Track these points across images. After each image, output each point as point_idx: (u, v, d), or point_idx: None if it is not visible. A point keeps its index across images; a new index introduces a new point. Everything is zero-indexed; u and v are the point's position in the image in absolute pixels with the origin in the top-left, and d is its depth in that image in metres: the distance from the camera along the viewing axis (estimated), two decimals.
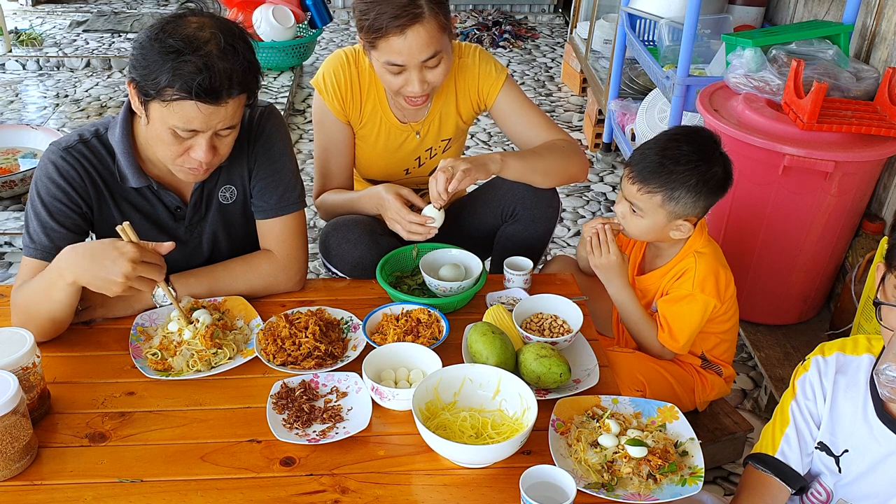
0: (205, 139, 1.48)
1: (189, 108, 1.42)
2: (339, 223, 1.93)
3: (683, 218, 1.73)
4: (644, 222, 1.75)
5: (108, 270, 1.41)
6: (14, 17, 5.55)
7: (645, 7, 3.39)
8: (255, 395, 1.47)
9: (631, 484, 1.28)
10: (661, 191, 1.69)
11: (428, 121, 2.00)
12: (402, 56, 1.73)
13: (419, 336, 1.58)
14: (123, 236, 1.45)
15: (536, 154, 1.91)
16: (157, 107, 1.44)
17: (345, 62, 1.93)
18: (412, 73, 1.76)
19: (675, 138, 1.74)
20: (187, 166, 1.54)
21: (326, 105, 1.95)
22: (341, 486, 1.29)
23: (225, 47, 1.42)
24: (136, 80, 1.45)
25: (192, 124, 1.45)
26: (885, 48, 2.58)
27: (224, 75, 1.41)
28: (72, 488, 1.27)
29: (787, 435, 1.38)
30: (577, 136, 4.19)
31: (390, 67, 1.76)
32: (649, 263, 1.91)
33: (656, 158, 1.70)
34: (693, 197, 1.69)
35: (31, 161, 3.14)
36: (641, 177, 1.71)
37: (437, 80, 1.80)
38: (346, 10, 6.18)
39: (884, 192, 2.50)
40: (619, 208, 1.79)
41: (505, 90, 1.97)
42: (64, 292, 1.48)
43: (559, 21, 6.20)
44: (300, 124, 4.27)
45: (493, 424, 1.37)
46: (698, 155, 1.70)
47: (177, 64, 1.39)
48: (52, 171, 1.56)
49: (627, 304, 1.82)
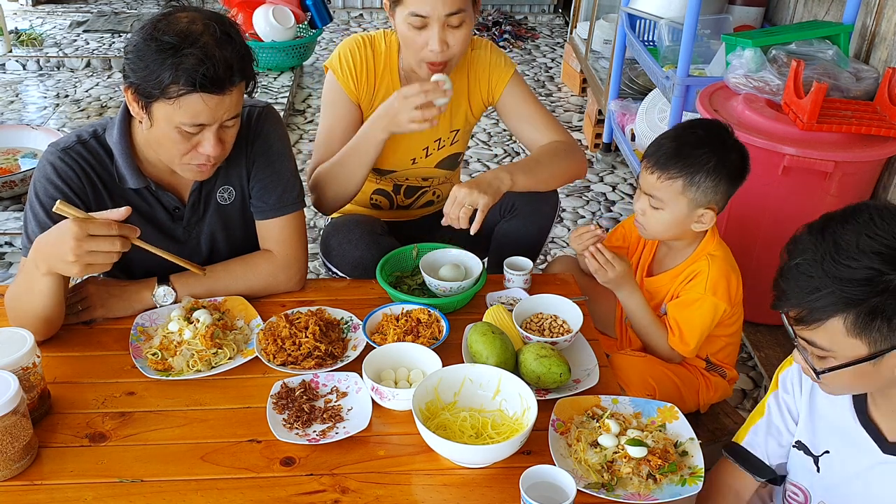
0: (212, 133, 1.49)
1: (195, 102, 1.42)
2: (340, 223, 1.92)
3: (705, 206, 1.70)
4: (665, 215, 1.72)
5: (62, 251, 1.39)
6: (14, 17, 5.55)
7: (645, 7, 3.39)
8: (255, 395, 1.47)
9: (631, 484, 1.28)
10: (681, 176, 1.67)
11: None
12: (426, 6, 1.73)
13: (419, 336, 1.58)
14: (65, 215, 1.40)
15: (540, 163, 1.92)
16: (163, 106, 1.44)
17: (361, 44, 1.93)
18: (434, 28, 1.75)
19: (689, 126, 1.74)
20: (195, 163, 1.54)
21: (340, 84, 1.94)
22: (341, 486, 1.29)
23: (220, 37, 1.43)
24: (135, 85, 1.45)
25: (199, 118, 1.45)
26: (885, 48, 2.58)
27: (225, 63, 1.42)
28: (72, 488, 1.27)
29: (758, 425, 1.41)
30: (577, 136, 4.19)
31: (414, 20, 1.76)
32: (659, 265, 1.90)
33: (673, 145, 1.69)
34: (713, 181, 1.67)
35: (32, 161, 3.14)
36: (660, 164, 1.69)
37: (456, 46, 1.79)
38: (346, 11, 6.18)
39: (884, 192, 2.50)
40: (638, 206, 1.77)
41: (511, 84, 1.98)
42: (43, 284, 1.46)
43: (559, 21, 6.20)
44: (300, 124, 4.26)
45: (493, 424, 1.37)
46: (714, 140, 1.69)
47: (177, 59, 1.39)
48: (51, 172, 1.56)
49: (637, 308, 1.80)
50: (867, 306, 1.03)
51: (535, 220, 1.99)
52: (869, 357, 1.07)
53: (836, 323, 1.07)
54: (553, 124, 2.00)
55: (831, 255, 1.05)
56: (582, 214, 3.42)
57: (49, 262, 1.43)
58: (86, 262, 1.40)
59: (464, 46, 1.82)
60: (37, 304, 1.50)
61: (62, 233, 1.39)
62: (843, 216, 1.08)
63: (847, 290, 1.04)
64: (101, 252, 1.41)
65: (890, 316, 1.03)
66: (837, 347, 1.09)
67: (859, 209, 1.08)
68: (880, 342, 1.05)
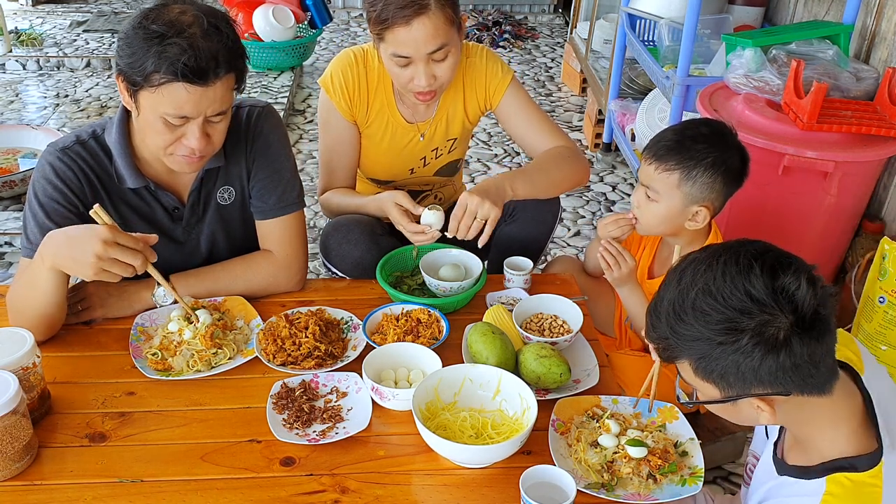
0: (197, 126, 1.48)
1: (177, 92, 1.42)
2: (340, 223, 1.93)
3: (699, 203, 1.70)
4: (660, 208, 1.72)
5: (81, 251, 1.40)
6: (14, 17, 5.55)
7: (645, 7, 3.39)
8: (255, 395, 1.47)
9: (631, 484, 1.28)
10: (679, 168, 1.68)
11: (435, 120, 2.00)
12: (408, 48, 1.73)
13: (419, 336, 1.58)
14: (97, 220, 1.43)
15: (542, 170, 1.91)
16: (147, 95, 1.44)
17: (353, 61, 1.93)
18: (419, 65, 1.76)
19: (694, 122, 1.74)
20: (179, 154, 1.53)
21: (333, 104, 1.95)
22: (341, 486, 1.29)
23: (208, 28, 1.43)
24: (123, 71, 1.45)
25: (182, 110, 1.45)
26: (885, 48, 2.58)
27: (209, 54, 1.41)
28: (72, 488, 1.27)
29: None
30: (577, 136, 4.19)
31: (397, 59, 1.76)
32: (662, 265, 1.90)
33: (674, 137, 1.71)
34: (710, 177, 1.67)
35: (31, 161, 3.14)
36: (658, 155, 1.70)
37: (444, 75, 1.80)
38: (345, 10, 6.18)
39: (884, 192, 2.50)
40: (635, 197, 1.77)
41: (510, 91, 1.97)
42: (47, 280, 1.47)
43: (559, 21, 6.19)
44: (300, 124, 4.26)
45: (493, 424, 1.37)
46: (716, 137, 1.70)
47: (161, 48, 1.39)
48: (50, 172, 1.56)
49: (637, 305, 1.80)
50: (703, 361, 1.06)
51: (537, 225, 1.98)
52: (721, 401, 1.10)
53: (686, 364, 1.10)
54: (554, 129, 1.99)
55: (674, 307, 1.08)
56: (582, 214, 3.42)
57: (58, 258, 1.43)
58: (102, 268, 1.41)
59: (452, 73, 1.82)
60: (38, 300, 1.50)
61: (91, 234, 1.40)
62: (701, 262, 1.08)
63: (682, 344, 1.07)
64: (120, 263, 1.42)
65: (723, 373, 1.05)
66: (695, 384, 1.12)
67: (718, 254, 1.07)
68: (726, 389, 1.08)
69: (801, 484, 1.13)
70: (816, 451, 1.13)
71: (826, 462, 1.11)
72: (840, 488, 1.07)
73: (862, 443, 1.10)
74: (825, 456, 1.11)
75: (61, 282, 1.49)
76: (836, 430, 1.11)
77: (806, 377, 1.04)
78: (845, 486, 1.07)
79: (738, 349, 1.02)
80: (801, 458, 1.17)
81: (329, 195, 2.03)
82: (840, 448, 1.11)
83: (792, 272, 1.03)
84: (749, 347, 1.02)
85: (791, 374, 1.03)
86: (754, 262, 1.04)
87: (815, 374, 1.05)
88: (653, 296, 1.14)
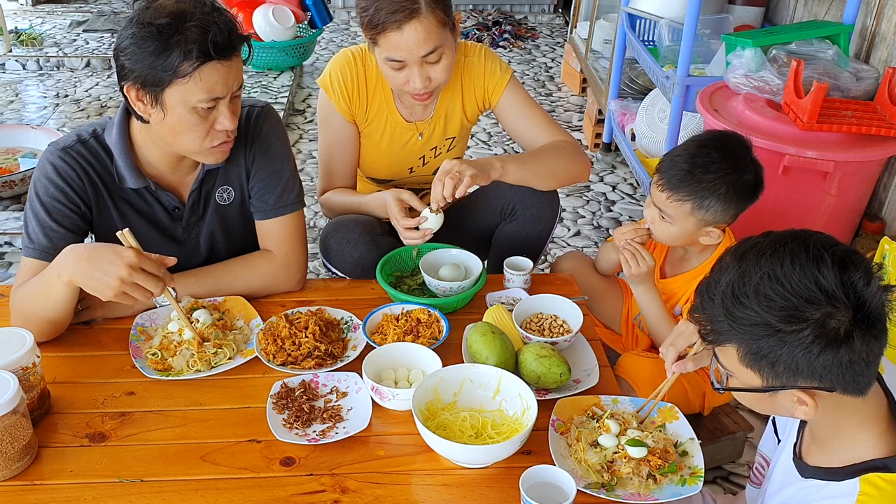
0: (225, 106, 1.50)
1: (211, 72, 1.43)
2: (340, 223, 1.93)
3: (713, 225, 1.71)
4: (673, 229, 1.73)
5: (103, 272, 1.40)
6: (14, 17, 5.55)
7: (645, 7, 3.39)
8: (255, 395, 1.47)
9: (631, 484, 1.28)
10: (691, 199, 1.67)
11: (434, 119, 2.00)
12: (400, 51, 1.73)
13: (419, 336, 1.58)
14: (124, 242, 1.44)
15: (537, 157, 1.90)
16: (176, 90, 1.44)
17: (351, 61, 1.93)
18: (413, 69, 1.76)
19: (704, 145, 1.70)
20: (217, 142, 1.54)
21: (332, 104, 1.95)
22: (341, 486, 1.29)
23: (211, 8, 1.45)
24: (140, 78, 1.44)
25: (214, 91, 1.45)
26: (885, 48, 2.58)
27: (226, 27, 1.44)
28: (72, 488, 1.27)
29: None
30: (577, 136, 4.19)
31: (391, 63, 1.76)
32: (675, 267, 1.90)
33: (686, 166, 1.67)
34: (723, 205, 1.67)
35: (31, 161, 3.14)
36: (671, 185, 1.69)
37: (439, 77, 1.80)
38: (346, 10, 6.18)
39: (884, 192, 2.50)
40: (648, 213, 1.77)
41: (509, 89, 1.97)
42: (60, 292, 1.48)
43: (559, 21, 6.19)
44: (300, 124, 4.26)
45: (493, 424, 1.37)
46: (728, 162, 1.67)
47: (181, 36, 1.40)
48: (51, 172, 1.56)
49: (651, 303, 1.80)
50: (755, 346, 1.05)
51: (536, 223, 1.98)
52: (761, 389, 1.09)
53: (731, 350, 1.08)
54: (554, 127, 1.99)
55: (732, 289, 1.06)
56: (582, 214, 3.42)
57: (78, 275, 1.43)
58: (123, 291, 1.41)
59: (447, 73, 1.81)
60: (49, 308, 1.51)
61: (117, 256, 1.40)
62: (765, 247, 1.07)
63: (736, 327, 1.05)
64: (141, 288, 1.42)
65: (773, 361, 1.04)
66: (735, 371, 1.11)
67: (784, 241, 1.06)
68: (771, 379, 1.06)
69: (832, 486, 1.11)
70: (844, 452, 1.11)
71: (858, 463, 1.09)
72: (874, 489, 1.06)
73: (890, 444, 1.09)
74: (855, 457, 1.10)
75: (75, 294, 1.50)
76: (867, 432, 1.10)
77: (856, 375, 1.03)
78: (880, 486, 1.06)
79: (798, 339, 1.00)
80: (822, 458, 1.16)
81: (329, 195, 2.03)
82: (870, 449, 1.09)
83: (862, 267, 1.01)
84: (809, 338, 1.00)
85: (845, 370, 1.01)
86: (825, 253, 1.02)
87: (865, 373, 1.03)
88: (704, 276, 1.12)
